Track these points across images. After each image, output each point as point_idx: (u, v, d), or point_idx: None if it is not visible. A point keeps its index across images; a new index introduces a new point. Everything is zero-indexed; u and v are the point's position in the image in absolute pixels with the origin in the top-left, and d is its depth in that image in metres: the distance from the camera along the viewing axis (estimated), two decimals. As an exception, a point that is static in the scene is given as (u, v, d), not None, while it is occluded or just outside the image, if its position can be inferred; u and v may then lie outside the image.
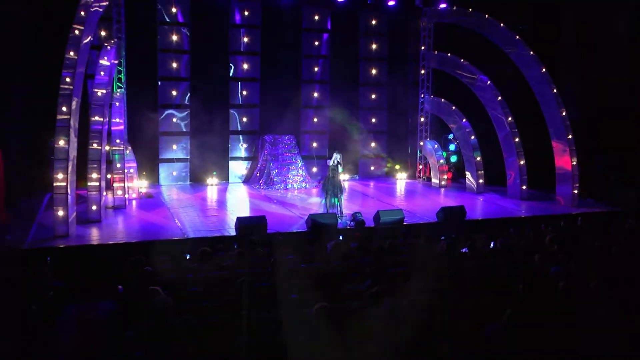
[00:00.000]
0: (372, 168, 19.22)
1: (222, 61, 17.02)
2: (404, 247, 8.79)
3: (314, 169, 18.20)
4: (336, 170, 12.74)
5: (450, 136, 18.56)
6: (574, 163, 14.39)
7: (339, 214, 12.38)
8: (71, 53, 11.06)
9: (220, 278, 6.92)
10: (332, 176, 12.66)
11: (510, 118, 15.41)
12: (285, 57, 17.65)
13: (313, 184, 16.65)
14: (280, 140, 17.27)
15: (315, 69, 18.14)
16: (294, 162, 16.97)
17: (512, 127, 15.40)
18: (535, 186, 15.71)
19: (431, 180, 17.80)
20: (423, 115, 18.35)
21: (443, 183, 17.25)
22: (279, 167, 16.70)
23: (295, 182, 16.61)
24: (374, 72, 18.80)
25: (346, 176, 17.27)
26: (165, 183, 16.68)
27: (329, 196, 12.59)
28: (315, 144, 18.39)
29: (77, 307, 7.03)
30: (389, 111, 19.10)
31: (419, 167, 18.63)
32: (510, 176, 15.65)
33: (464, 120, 16.72)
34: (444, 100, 17.42)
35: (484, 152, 16.47)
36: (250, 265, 7.43)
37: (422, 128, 18.38)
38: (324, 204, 12.69)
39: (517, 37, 15.19)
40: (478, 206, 14.61)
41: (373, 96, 18.96)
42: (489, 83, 15.83)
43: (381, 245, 8.29)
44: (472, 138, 16.58)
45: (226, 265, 7.56)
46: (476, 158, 16.40)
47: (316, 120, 18.35)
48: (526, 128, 15.55)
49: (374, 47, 18.69)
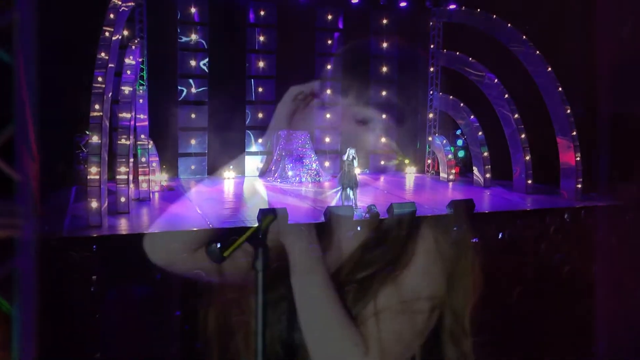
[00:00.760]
0: (383, 162, 19.81)
1: (239, 59, 17.64)
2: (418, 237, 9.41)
3: (327, 164, 18.82)
4: (352, 164, 13.35)
5: (458, 132, 19.14)
6: (578, 158, 14.98)
7: (354, 207, 13.01)
8: (102, 54, 11.72)
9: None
10: (348, 170, 13.27)
11: (516, 115, 15.98)
12: (299, 56, 18.25)
13: (326, 178, 17.28)
14: (294, 135, 17.85)
15: (327, 67, 18.75)
16: (308, 157, 17.59)
17: (519, 124, 15.97)
18: (540, 181, 16.30)
19: (439, 174, 18.41)
20: (432, 111, 18.94)
21: (451, 177, 17.83)
22: (294, 162, 17.31)
23: (309, 176, 17.24)
24: (385, 70, 19.39)
25: (358, 170, 17.85)
26: (184, 176, 17.34)
27: (344, 189, 13.22)
28: (328, 139, 18.99)
29: (119, 290, 7.69)
30: (399, 107, 19.67)
31: (428, 162, 19.23)
32: (516, 171, 16.23)
33: (472, 116, 17.29)
34: (453, 97, 18.00)
35: (491, 148, 17.04)
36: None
37: (431, 124, 18.98)
38: (340, 197, 13.32)
39: (524, 37, 15.74)
40: (485, 199, 15.23)
41: (383, 93, 19.55)
42: (496, 81, 16.39)
43: (398, 234, 8.91)
44: (480, 134, 17.16)
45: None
46: (483, 153, 16.98)
47: (329, 116, 18.87)
48: (532, 125, 16.11)
49: (385, 46, 19.28)
